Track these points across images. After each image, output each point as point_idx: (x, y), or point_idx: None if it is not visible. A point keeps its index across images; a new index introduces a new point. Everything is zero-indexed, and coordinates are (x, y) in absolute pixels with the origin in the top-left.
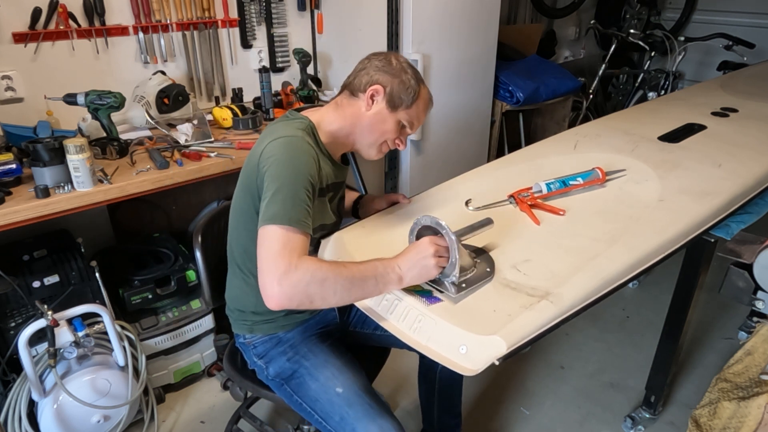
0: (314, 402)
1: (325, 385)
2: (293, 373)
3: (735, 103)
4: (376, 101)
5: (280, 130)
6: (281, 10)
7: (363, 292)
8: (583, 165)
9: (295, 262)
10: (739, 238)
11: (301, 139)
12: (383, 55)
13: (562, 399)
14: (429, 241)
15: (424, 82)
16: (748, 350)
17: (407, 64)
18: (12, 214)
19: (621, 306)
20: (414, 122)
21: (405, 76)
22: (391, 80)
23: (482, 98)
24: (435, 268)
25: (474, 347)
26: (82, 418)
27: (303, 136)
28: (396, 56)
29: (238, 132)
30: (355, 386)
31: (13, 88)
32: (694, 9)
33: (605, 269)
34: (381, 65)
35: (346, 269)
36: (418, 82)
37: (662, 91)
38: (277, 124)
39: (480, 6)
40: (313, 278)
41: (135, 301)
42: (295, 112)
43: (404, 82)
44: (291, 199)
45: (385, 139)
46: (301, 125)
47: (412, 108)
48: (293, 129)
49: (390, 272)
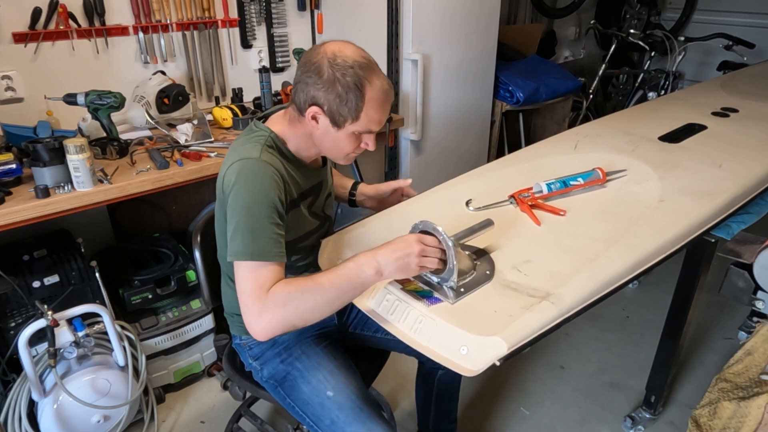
0: (306, 405)
1: (317, 388)
2: (286, 375)
3: (735, 103)
4: (319, 121)
5: (240, 150)
6: (281, 10)
7: (343, 300)
8: (583, 165)
9: (264, 299)
10: (740, 238)
11: (257, 161)
12: (316, 59)
13: (562, 399)
14: (416, 240)
15: (370, 77)
16: (748, 350)
17: (343, 64)
18: (12, 214)
19: (621, 306)
20: (371, 127)
21: (340, 87)
22: (326, 96)
23: (482, 98)
24: (417, 267)
25: (475, 348)
26: (82, 418)
27: (261, 156)
28: (330, 59)
29: (238, 132)
30: (347, 390)
31: (13, 88)
32: (694, 9)
33: (606, 270)
34: (314, 79)
35: (316, 285)
36: (359, 86)
37: (662, 91)
38: (239, 140)
39: (480, 6)
40: (287, 308)
41: (135, 301)
42: (260, 123)
43: (341, 96)
44: (251, 233)
45: (346, 152)
46: (262, 139)
47: (361, 119)
48: (252, 147)
49: (366, 268)
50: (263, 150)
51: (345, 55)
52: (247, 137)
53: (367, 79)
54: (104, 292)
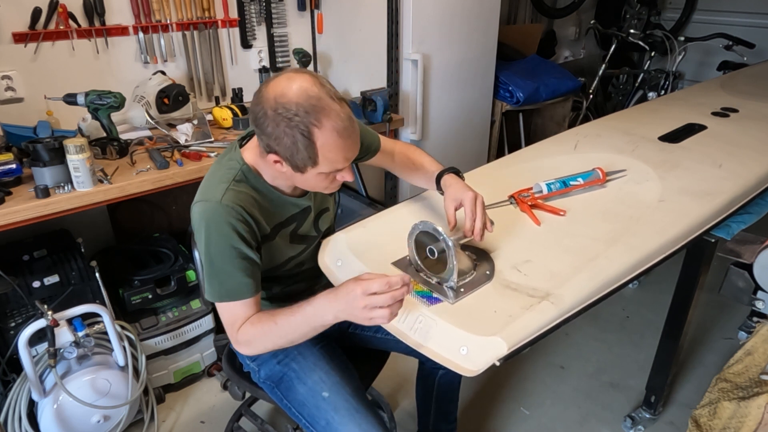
0: (302, 406)
1: (313, 389)
2: (282, 377)
3: (735, 103)
4: (282, 165)
5: (207, 185)
6: (281, 10)
7: (305, 337)
8: (583, 165)
9: (235, 336)
10: (740, 238)
11: (218, 206)
12: (262, 108)
13: (562, 399)
14: (361, 294)
15: (319, 120)
16: (748, 350)
17: (286, 113)
18: (12, 214)
19: (621, 306)
20: (336, 167)
21: (287, 139)
22: (278, 147)
23: (482, 98)
24: (368, 321)
25: (475, 348)
26: (82, 418)
27: (223, 198)
28: (272, 107)
29: (238, 132)
30: (342, 391)
31: (13, 88)
32: (694, 9)
33: (606, 270)
34: (262, 129)
35: (278, 327)
36: (306, 134)
37: (662, 91)
38: (214, 166)
39: (480, 6)
40: (253, 346)
41: (135, 301)
42: (237, 149)
43: (291, 148)
44: (217, 278)
45: (322, 187)
46: (231, 172)
47: (320, 163)
48: (218, 184)
49: (322, 313)
50: (229, 188)
51: (287, 99)
52: (219, 164)
53: (314, 125)
54: (104, 292)
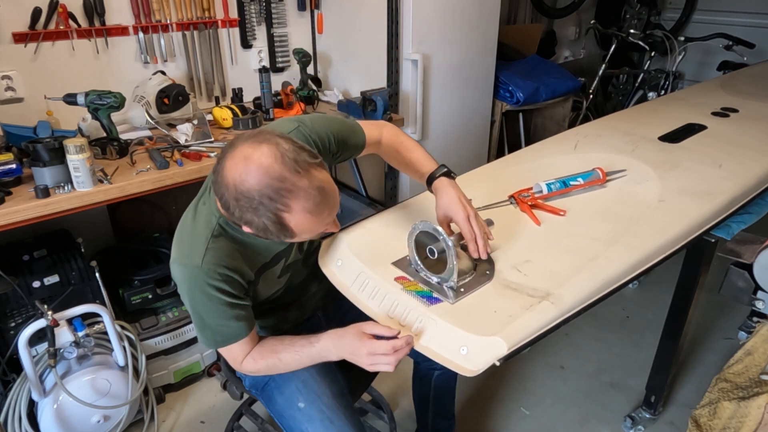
0: (280, 416)
1: (290, 399)
2: (264, 386)
3: (735, 103)
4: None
5: (181, 245)
6: (281, 10)
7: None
8: (583, 165)
9: (240, 369)
10: (740, 238)
11: (198, 270)
12: (224, 194)
13: (562, 399)
14: (366, 351)
15: (286, 203)
16: (748, 350)
17: (248, 204)
18: (12, 214)
19: (621, 306)
20: (317, 233)
21: (256, 228)
22: (252, 226)
23: (482, 98)
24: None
25: (475, 348)
26: (82, 418)
27: (203, 263)
28: (235, 198)
29: (238, 132)
30: (317, 401)
31: (13, 88)
32: (694, 9)
33: (606, 270)
34: (232, 210)
35: (282, 363)
36: (277, 221)
37: (662, 91)
38: (188, 217)
39: (480, 6)
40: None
41: (135, 301)
42: (213, 195)
43: (266, 228)
44: (210, 328)
45: (311, 239)
46: (209, 228)
47: (299, 236)
48: (195, 245)
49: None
50: (208, 248)
51: (248, 187)
52: (195, 216)
53: (282, 210)
54: (104, 292)
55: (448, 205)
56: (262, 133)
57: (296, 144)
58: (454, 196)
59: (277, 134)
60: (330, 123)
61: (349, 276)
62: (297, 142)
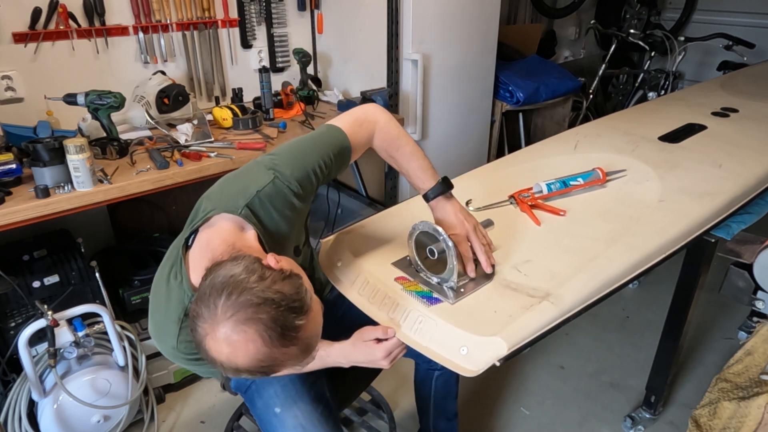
0: (260, 420)
1: (267, 403)
2: (246, 389)
3: (735, 103)
4: None
5: (155, 322)
6: (281, 10)
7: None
8: (583, 165)
9: None
10: (740, 238)
11: (174, 351)
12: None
13: (562, 399)
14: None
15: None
16: (748, 350)
17: (244, 373)
18: (12, 214)
19: (621, 306)
20: None
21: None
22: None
23: (482, 98)
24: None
25: (475, 348)
26: (82, 418)
27: (178, 344)
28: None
29: (238, 132)
30: (293, 407)
31: (13, 88)
32: (694, 9)
33: (606, 270)
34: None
35: None
36: (269, 375)
37: (662, 91)
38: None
39: (480, 6)
40: None
41: (135, 301)
42: (184, 266)
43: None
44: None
45: None
46: (181, 307)
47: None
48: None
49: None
50: (181, 328)
51: (236, 365)
52: (167, 290)
53: (273, 373)
54: (104, 292)
55: (444, 225)
56: (236, 289)
57: (280, 303)
58: (450, 215)
59: (257, 299)
60: (308, 152)
61: (349, 276)
62: (280, 299)
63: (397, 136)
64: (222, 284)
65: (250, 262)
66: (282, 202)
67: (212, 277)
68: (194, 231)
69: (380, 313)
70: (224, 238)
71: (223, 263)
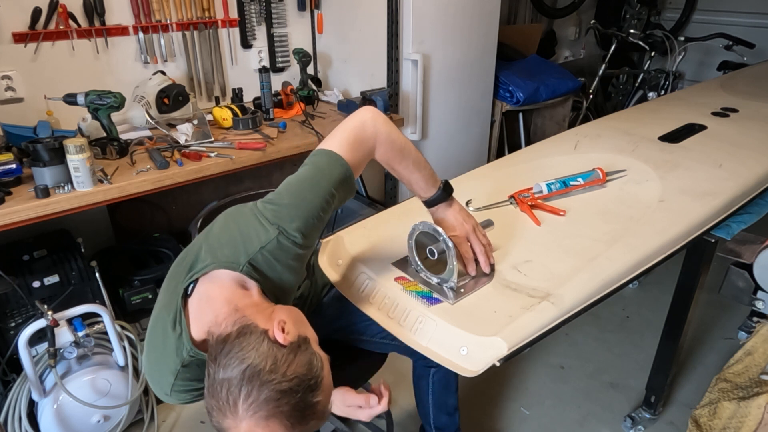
0: None
1: None
2: None
3: (735, 103)
4: None
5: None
6: (281, 10)
7: None
8: (583, 165)
9: None
10: (740, 238)
11: (168, 397)
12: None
13: (562, 399)
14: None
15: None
16: (748, 350)
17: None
18: (12, 214)
19: (621, 306)
20: None
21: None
22: None
23: (482, 98)
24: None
25: (475, 348)
26: (82, 418)
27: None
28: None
29: (238, 132)
30: None
31: (13, 88)
32: (694, 9)
33: (606, 270)
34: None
35: None
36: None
37: (662, 91)
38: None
39: (480, 6)
40: None
41: (135, 301)
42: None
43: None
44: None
45: None
46: (179, 359)
47: None
48: (163, 374)
49: None
50: (176, 380)
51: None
52: (165, 339)
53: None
54: (104, 292)
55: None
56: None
57: (297, 390)
58: (450, 215)
59: (275, 393)
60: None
61: (349, 276)
62: (297, 385)
63: (400, 150)
64: (239, 380)
65: (258, 343)
66: (286, 256)
67: (223, 365)
68: (194, 279)
69: (380, 314)
70: (226, 297)
71: (229, 341)
